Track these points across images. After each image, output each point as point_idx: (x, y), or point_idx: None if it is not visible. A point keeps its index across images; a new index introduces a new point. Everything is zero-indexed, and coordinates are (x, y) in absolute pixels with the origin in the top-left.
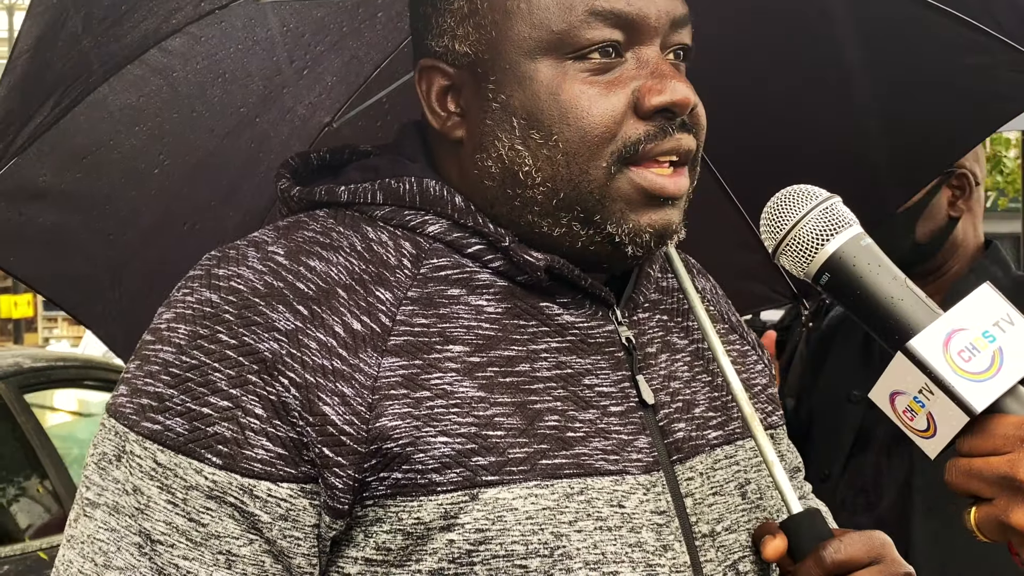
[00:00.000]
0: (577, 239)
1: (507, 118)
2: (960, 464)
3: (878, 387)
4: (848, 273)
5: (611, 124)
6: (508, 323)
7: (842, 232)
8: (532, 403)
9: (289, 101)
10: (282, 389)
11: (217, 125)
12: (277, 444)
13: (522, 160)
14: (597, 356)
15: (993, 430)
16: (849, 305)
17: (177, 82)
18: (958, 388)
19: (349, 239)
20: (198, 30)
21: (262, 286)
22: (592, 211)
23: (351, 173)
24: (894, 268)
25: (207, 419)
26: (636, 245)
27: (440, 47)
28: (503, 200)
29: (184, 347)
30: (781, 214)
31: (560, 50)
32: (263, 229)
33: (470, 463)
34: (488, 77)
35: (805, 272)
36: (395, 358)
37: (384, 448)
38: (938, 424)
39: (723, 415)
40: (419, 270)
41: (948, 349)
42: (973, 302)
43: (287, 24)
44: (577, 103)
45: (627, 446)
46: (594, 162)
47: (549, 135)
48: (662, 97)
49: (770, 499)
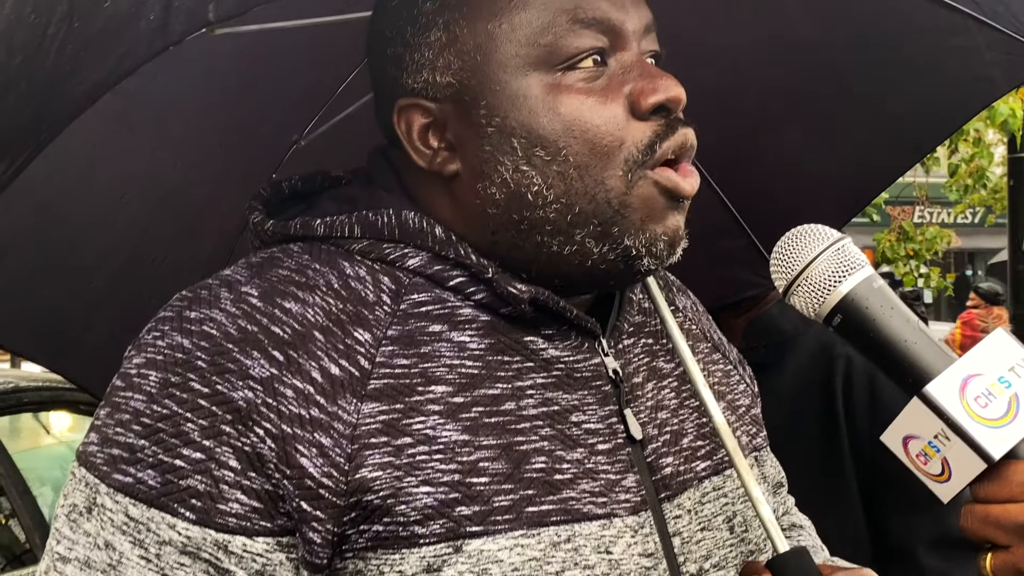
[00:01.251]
0: (588, 256)
1: (506, 140)
2: (977, 511)
3: (891, 431)
4: (861, 315)
5: (617, 131)
6: (492, 359)
7: (854, 274)
8: (518, 444)
9: (252, 125)
10: (257, 440)
11: (179, 159)
12: (252, 497)
13: (530, 180)
14: (584, 391)
15: (1011, 477)
16: (862, 347)
17: (134, 123)
18: (976, 435)
19: (325, 277)
20: (152, 68)
21: (236, 331)
22: (610, 223)
23: (326, 204)
24: (907, 311)
25: (180, 472)
26: (652, 256)
27: (419, 83)
28: (508, 226)
29: (155, 395)
30: (792, 254)
31: (549, 62)
32: (235, 266)
33: (454, 513)
34: (478, 102)
35: (817, 313)
36: (375, 403)
37: (364, 500)
38: (953, 470)
39: (711, 443)
40: (399, 306)
41: (965, 395)
42: (988, 346)
43: (244, 52)
44: (579, 115)
45: (615, 486)
46: (610, 171)
47: (557, 151)
48: (657, 96)
49: (756, 530)
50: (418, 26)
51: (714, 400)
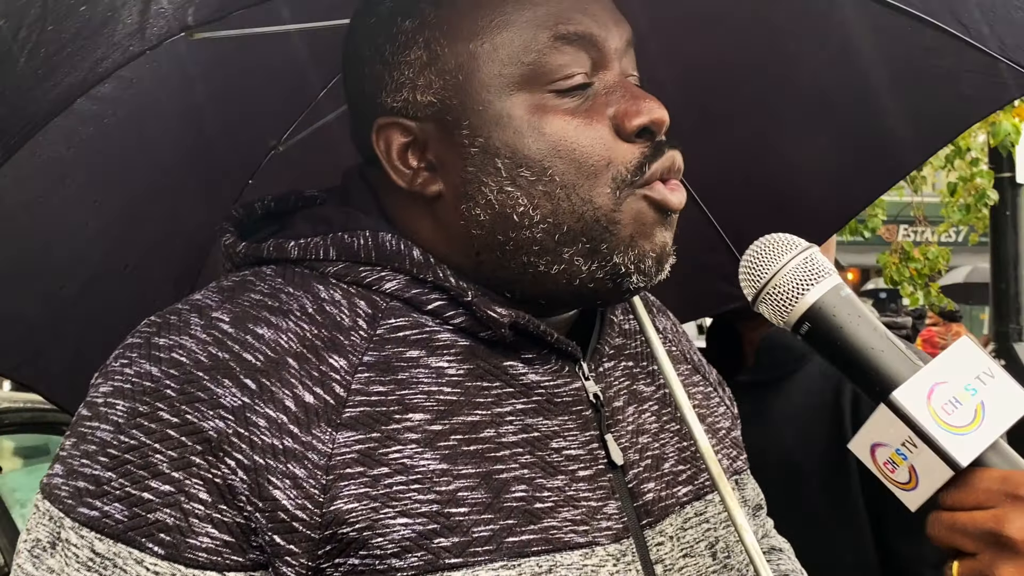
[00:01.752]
0: (577, 275)
1: (490, 161)
2: (943, 518)
3: (858, 438)
4: (829, 324)
5: (604, 151)
6: (471, 385)
7: (821, 282)
8: (498, 472)
9: (230, 130)
10: (228, 472)
11: (154, 164)
12: (223, 531)
13: (515, 201)
14: (564, 416)
15: (977, 484)
16: (829, 356)
17: (109, 127)
18: (943, 442)
19: (299, 301)
20: (129, 72)
21: (206, 358)
22: (599, 240)
23: (300, 225)
24: (874, 319)
25: (148, 505)
26: (640, 273)
27: (398, 102)
28: (493, 247)
29: (123, 426)
30: (760, 263)
31: (534, 83)
32: (205, 290)
33: (432, 545)
34: (460, 123)
35: (785, 322)
36: (351, 432)
37: (340, 533)
38: (920, 477)
39: (692, 467)
40: (375, 331)
41: (931, 402)
42: (953, 355)
43: (223, 57)
44: (565, 136)
45: (596, 513)
46: (597, 189)
47: (542, 171)
48: (641, 119)
49: (739, 555)
50: (397, 44)
51: (699, 424)
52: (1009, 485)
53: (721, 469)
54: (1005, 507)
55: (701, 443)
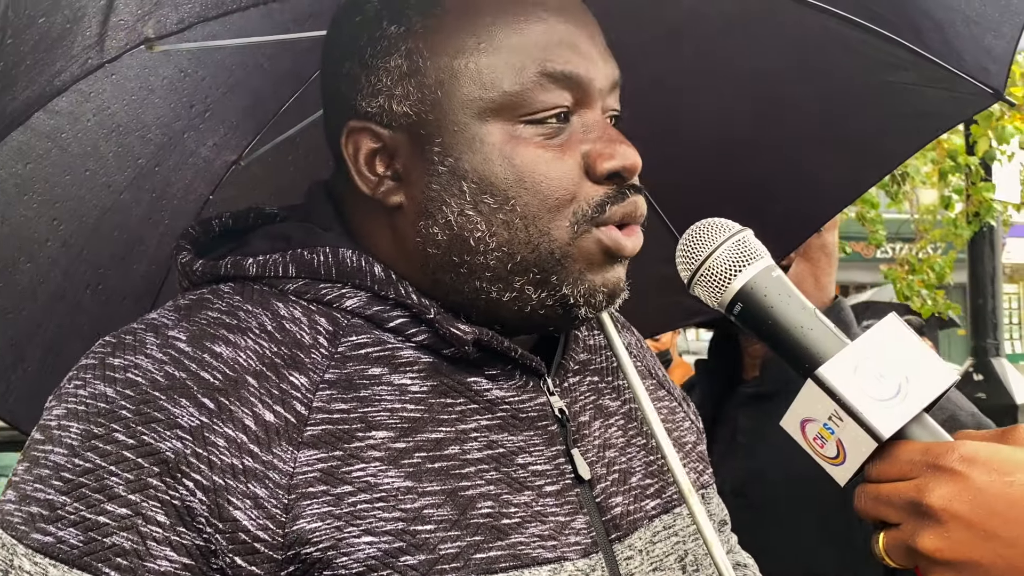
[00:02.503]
0: (528, 303)
1: (456, 182)
2: (868, 490)
3: (789, 415)
4: (760, 303)
5: (570, 187)
6: (435, 402)
7: (754, 264)
8: (463, 489)
9: (191, 144)
10: (187, 493)
11: (114, 180)
12: (182, 554)
13: (474, 226)
14: (530, 432)
15: (899, 456)
16: (761, 334)
17: (67, 143)
18: (866, 414)
19: (258, 318)
20: (86, 86)
21: (162, 377)
22: (550, 272)
23: (258, 242)
24: (803, 299)
25: (104, 529)
26: (590, 306)
27: (373, 107)
28: (447, 267)
29: (77, 448)
30: (695, 246)
31: (512, 112)
32: (161, 309)
33: (398, 563)
34: (433, 139)
35: (719, 302)
36: (313, 450)
37: (303, 553)
38: (847, 451)
39: (660, 481)
40: (336, 349)
41: (856, 376)
42: (879, 332)
43: (184, 69)
44: (534, 168)
45: (565, 528)
46: (556, 223)
47: (505, 200)
48: (613, 163)
49: (707, 568)
50: (379, 48)
51: (667, 437)
52: (930, 456)
53: (690, 482)
54: (926, 477)
55: (670, 456)
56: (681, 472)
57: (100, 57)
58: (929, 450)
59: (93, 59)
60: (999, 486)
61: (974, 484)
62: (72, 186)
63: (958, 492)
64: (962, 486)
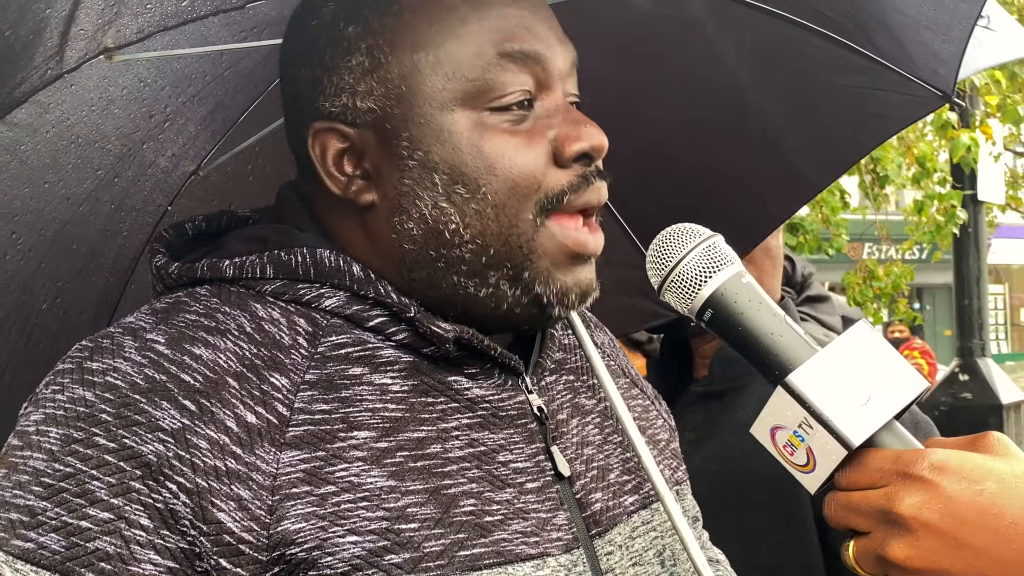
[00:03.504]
0: (503, 300)
1: (427, 175)
2: (838, 498)
3: (759, 422)
4: (730, 309)
5: (537, 175)
6: (416, 401)
7: (723, 270)
8: (446, 488)
9: (150, 155)
10: (170, 496)
11: (73, 192)
12: (167, 557)
13: (448, 218)
14: (510, 430)
15: (869, 464)
16: (731, 341)
17: (26, 155)
18: (836, 422)
19: (237, 320)
20: (45, 98)
21: (142, 380)
22: (521, 267)
23: (234, 244)
24: (774, 305)
25: (86, 534)
26: (563, 306)
27: (336, 107)
28: (424, 263)
29: (57, 453)
30: (664, 252)
31: (476, 100)
32: (138, 313)
33: (383, 562)
34: (400, 134)
35: (689, 308)
36: (295, 451)
37: (288, 554)
38: (817, 458)
39: (637, 477)
40: (316, 349)
41: (825, 383)
42: (850, 339)
43: (143, 80)
44: (503, 154)
45: (546, 525)
46: (522, 214)
47: (476, 188)
48: (580, 144)
49: (684, 563)
50: (339, 49)
51: (640, 436)
52: (900, 464)
53: (664, 479)
54: (896, 485)
55: (642, 454)
56: (654, 469)
57: (59, 67)
58: (899, 458)
59: (52, 69)
60: (969, 495)
61: (944, 492)
62: (31, 199)
63: (928, 500)
64: (932, 495)
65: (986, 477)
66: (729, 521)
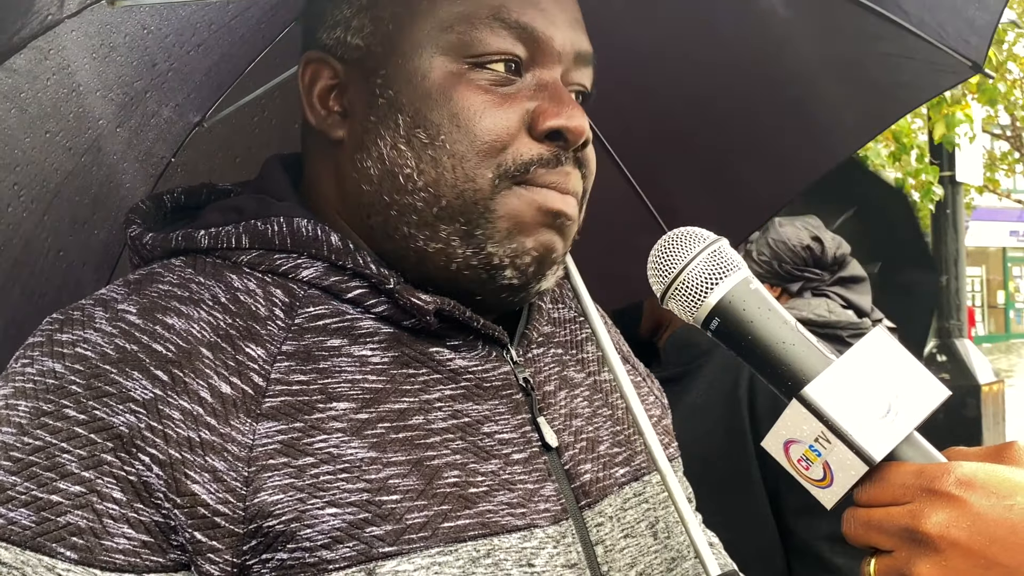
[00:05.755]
0: (452, 258)
1: (392, 115)
2: (859, 515)
3: (772, 435)
4: (738, 318)
5: (503, 135)
6: (396, 373)
7: (730, 276)
8: (429, 459)
9: (153, 105)
10: (143, 468)
11: (75, 143)
12: (140, 530)
13: (404, 161)
14: (495, 401)
15: (892, 479)
16: (740, 351)
17: (26, 103)
18: (856, 437)
19: (211, 290)
20: (45, 43)
21: (113, 351)
22: (475, 224)
23: (210, 215)
24: (784, 312)
25: (57, 508)
26: (515, 268)
27: (332, 39)
28: (379, 208)
29: (26, 427)
30: (667, 259)
31: (459, 52)
32: (111, 285)
33: (364, 534)
34: (377, 71)
35: (695, 318)
36: (272, 422)
37: (265, 527)
38: (835, 473)
39: (628, 450)
40: (293, 320)
41: (843, 396)
42: (866, 347)
43: (147, 27)
44: (469, 107)
45: (534, 496)
46: (480, 171)
47: (436, 135)
48: (557, 120)
49: (679, 536)
50: None
51: (641, 407)
52: (924, 479)
53: (661, 448)
54: (921, 502)
55: (640, 419)
56: (655, 440)
57: (60, 12)
58: (923, 472)
59: (53, 15)
60: (999, 511)
61: (972, 509)
62: (32, 149)
63: (956, 518)
64: (960, 511)
65: (1015, 491)
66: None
